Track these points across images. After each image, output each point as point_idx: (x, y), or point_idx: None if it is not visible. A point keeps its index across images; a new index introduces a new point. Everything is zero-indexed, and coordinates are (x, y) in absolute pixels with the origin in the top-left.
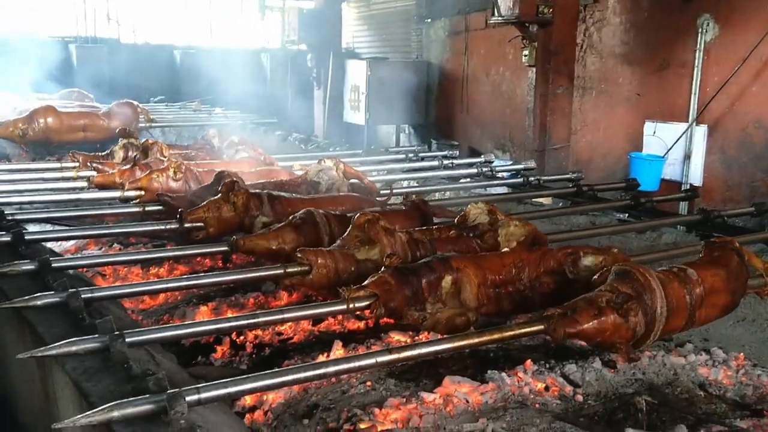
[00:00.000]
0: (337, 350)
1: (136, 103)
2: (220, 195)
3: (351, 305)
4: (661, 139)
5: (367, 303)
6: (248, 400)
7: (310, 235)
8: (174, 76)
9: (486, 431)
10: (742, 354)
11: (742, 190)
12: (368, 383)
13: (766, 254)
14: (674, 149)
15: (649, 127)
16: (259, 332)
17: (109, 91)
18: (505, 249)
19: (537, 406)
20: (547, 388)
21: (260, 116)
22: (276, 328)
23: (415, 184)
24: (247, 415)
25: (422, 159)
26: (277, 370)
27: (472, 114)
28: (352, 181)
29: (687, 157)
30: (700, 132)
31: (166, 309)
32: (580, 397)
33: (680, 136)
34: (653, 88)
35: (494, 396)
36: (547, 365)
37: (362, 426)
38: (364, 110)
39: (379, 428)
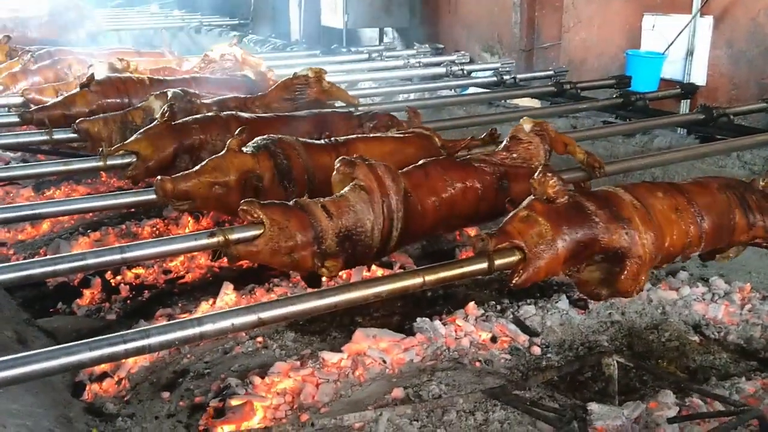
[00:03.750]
0: (226, 294)
1: None
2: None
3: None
4: (662, 33)
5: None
6: (104, 365)
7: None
8: None
9: (378, 425)
10: (748, 284)
11: (751, 88)
12: (259, 339)
13: None
14: (676, 45)
15: (648, 20)
16: (141, 270)
17: None
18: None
19: (478, 364)
20: (494, 339)
21: (223, 18)
22: (165, 265)
23: (374, 85)
24: (92, 386)
25: (390, 59)
26: (80, 343)
27: (458, 14)
28: (245, 72)
29: (690, 53)
30: (705, 24)
31: (47, 240)
32: (537, 350)
33: (682, 30)
34: None
35: (422, 352)
36: (498, 307)
37: (234, 403)
38: (342, 12)
39: (256, 404)
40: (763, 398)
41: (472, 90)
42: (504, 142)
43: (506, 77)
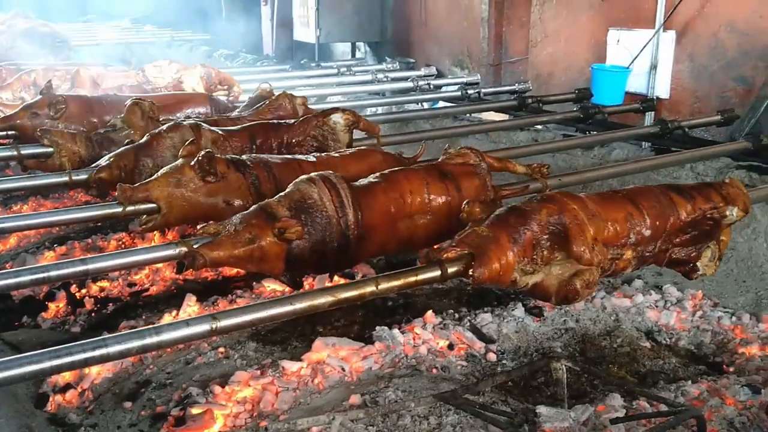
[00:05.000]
0: (189, 305)
1: None
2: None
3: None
4: (626, 48)
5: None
6: (67, 376)
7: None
8: None
9: (332, 428)
10: (700, 291)
11: (712, 101)
12: (221, 350)
13: (732, 170)
14: (640, 59)
15: (612, 35)
16: (106, 284)
17: (39, 9)
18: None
19: (434, 371)
20: (451, 347)
21: (194, 33)
22: (130, 278)
23: (343, 100)
24: (55, 397)
25: (358, 73)
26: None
27: (429, 29)
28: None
29: (653, 67)
30: (668, 38)
31: (13, 254)
32: (493, 356)
33: (646, 44)
34: None
35: (380, 360)
36: (456, 315)
37: (194, 411)
38: (314, 26)
39: (216, 412)
40: (707, 400)
41: (442, 104)
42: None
43: (470, 92)
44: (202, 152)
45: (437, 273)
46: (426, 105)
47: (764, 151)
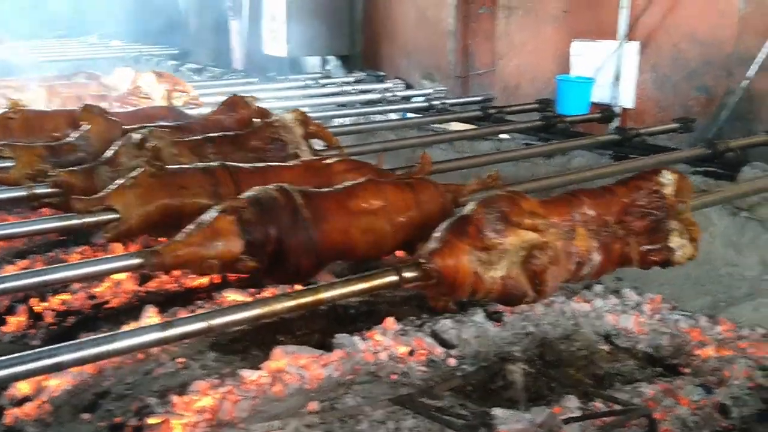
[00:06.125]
0: (149, 317)
1: None
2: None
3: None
4: (590, 59)
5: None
6: (25, 389)
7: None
8: (77, 6)
9: None
10: (659, 295)
11: (675, 111)
12: (181, 360)
13: (688, 175)
14: (604, 69)
15: (576, 46)
16: (68, 296)
17: (4, 25)
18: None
19: (394, 377)
20: (411, 353)
21: (164, 48)
22: (91, 291)
23: (310, 111)
24: (12, 410)
25: (325, 86)
26: None
27: (398, 42)
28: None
29: (617, 77)
30: (631, 49)
31: None
32: (453, 361)
33: (610, 55)
34: (581, 4)
35: (340, 367)
36: (417, 322)
37: (151, 421)
38: (284, 40)
39: (174, 422)
40: (662, 400)
41: (410, 115)
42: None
43: (436, 103)
44: (151, 145)
45: (394, 278)
46: (395, 116)
47: (720, 157)
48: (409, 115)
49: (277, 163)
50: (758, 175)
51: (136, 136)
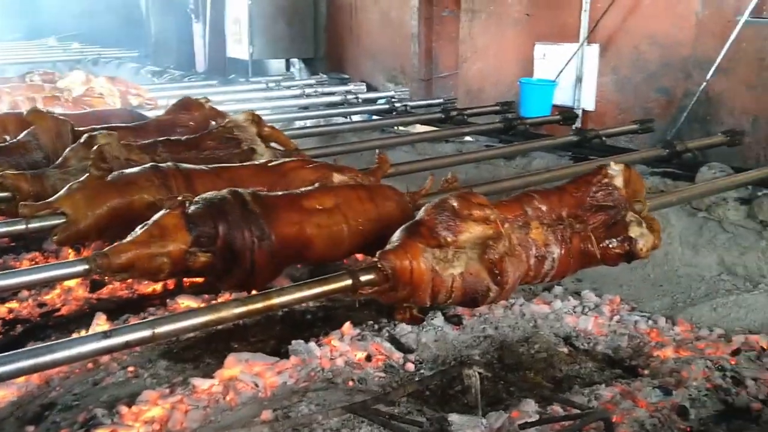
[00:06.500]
0: (99, 324)
1: None
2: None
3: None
4: (552, 62)
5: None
6: None
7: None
8: (34, 8)
9: None
10: (618, 296)
11: (636, 112)
12: (131, 368)
13: (647, 176)
14: (566, 72)
15: (539, 49)
16: (16, 304)
17: None
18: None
19: (351, 383)
20: (369, 358)
21: (122, 50)
22: (40, 298)
23: (272, 113)
24: None
25: (287, 88)
26: None
27: (362, 45)
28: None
29: (579, 79)
30: (592, 52)
31: None
32: (411, 366)
33: (571, 58)
34: (543, 7)
35: (296, 375)
36: (375, 326)
37: None
38: (247, 43)
39: None
40: (620, 403)
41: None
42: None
43: (398, 105)
44: (95, 146)
45: (348, 282)
46: (359, 118)
47: (678, 157)
48: (374, 118)
49: (229, 164)
50: (716, 176)
51: (84, 138)
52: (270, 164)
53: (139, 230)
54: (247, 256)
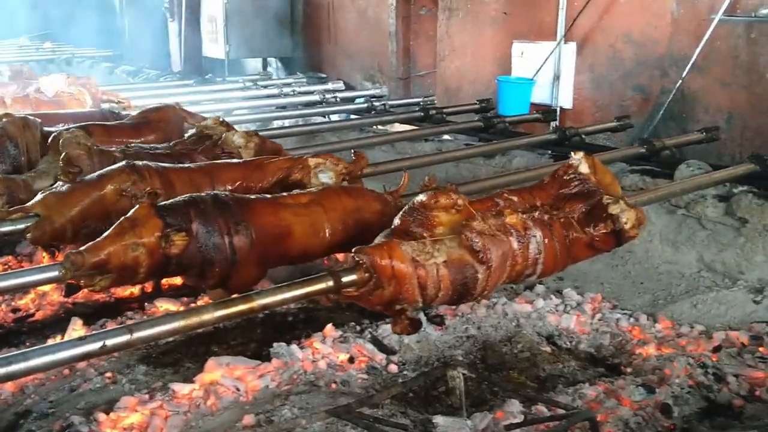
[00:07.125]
0: (75, 330)
1: None
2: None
3: None
4: (530, 60)
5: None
6: None
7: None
8: (4, 8)
9: None
10: (599, 294)
11: (613, 110)
12: (108, 374)
13: (626, 174)
14: (544, 70)
15: (517, 48)
16: None
17: None
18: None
19: (333, 386)
20: (351, 360)
21: (96, 49)
22: (14, 303)
23: (249, 113)
24: None
25: (265, 87)
26: None
27: (340, 44)
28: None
29: (556, 77)
30: (569, 50)
31: None
32: (394, 368)
33: (548, 56)
34: (520, 6)
35: (278, 378)
36: (357, 328)
37: None
38: (223, 42)
39: None
40: (604, 402)
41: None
42: None
43: (376, 104)
44: (64, 153)
45: (330, 283)
46: (337, 118)
47: (656, 155)
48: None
49: (207, 162)
50: (694, 173)
51: (54, 140)
52: (249, 162)
53: (111, 228)
54: (225, 242)
